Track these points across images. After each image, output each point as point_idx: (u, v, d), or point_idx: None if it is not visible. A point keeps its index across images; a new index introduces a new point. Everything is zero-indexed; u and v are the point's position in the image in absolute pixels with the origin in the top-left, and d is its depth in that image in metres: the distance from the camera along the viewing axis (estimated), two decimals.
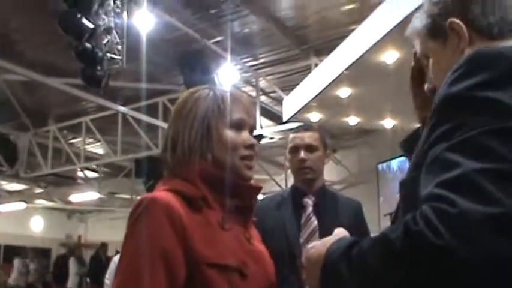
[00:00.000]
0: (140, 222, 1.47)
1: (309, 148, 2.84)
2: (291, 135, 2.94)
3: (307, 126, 3.01)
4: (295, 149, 2.87)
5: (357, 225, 2.79)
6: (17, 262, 15.68)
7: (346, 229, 2.84)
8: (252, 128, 1.75)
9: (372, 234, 1.31)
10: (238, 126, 1.69)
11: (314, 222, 2.76)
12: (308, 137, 2.87)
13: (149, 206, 1.48)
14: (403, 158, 10.10)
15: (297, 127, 3.02)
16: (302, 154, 2.82)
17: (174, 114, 1.72)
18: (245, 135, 1.70)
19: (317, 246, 1.22)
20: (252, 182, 1.73)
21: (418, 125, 1.55)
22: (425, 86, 1.47)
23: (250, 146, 1.70)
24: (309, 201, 2.83)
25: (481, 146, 1.00)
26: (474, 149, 1.00)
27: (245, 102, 1.75)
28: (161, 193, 1.54)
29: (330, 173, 11.97)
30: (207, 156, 1.63)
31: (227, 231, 1.57)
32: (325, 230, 2.71)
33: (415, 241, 0.96)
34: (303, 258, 1.26)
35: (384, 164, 11.58)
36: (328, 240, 1.19)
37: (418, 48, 1.48)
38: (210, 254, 1.48)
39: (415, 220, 0.97)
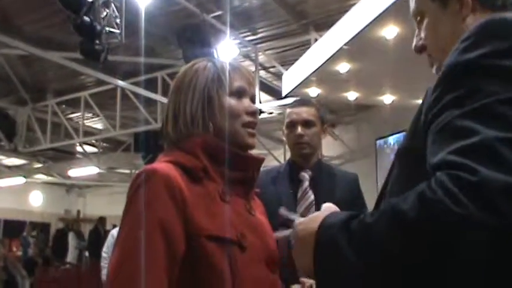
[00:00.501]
0: (139, 194, 1.47)
1: (306, 123, 2.84)
2: (288, 110, 2.93)
3: (304, 101, 3.00)
4: (292, 124, 2.86)
5: (354, 197, 2.81)
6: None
7: (343, 202, 2.84)
8: (252, 96, 1.76)
9: (370, 209, 1.28)
10: (239, 93, 1.70)
11: (311, 196, 2.77)
12: (305, 112, 2.86)
13: (148, 178, 1.48)
14: (401, 134, 10.13)
15: (293, 102, 3.01)
16: (299, 129, 2.82)
17: (174, 87, 1.73)
18: (246, 102, 1.71)
19: (305, 222, 1.19)
20: (253, 154, 1.74)
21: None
22: (413, 43, 1.44)
23: (252, 113, 1.71)
24: (306, 176, 2.83)
25: (498, 114, 0.97)
26: (491, 117, 0.97)
27: (244, 71, 1.76)
28: (161, 164, 1.55)
29: (329, 149, 12.00)
30: (209, 126, 1.64)
31: (227, 203, 1.58)
32: (321, 204, 2.72)
33: (434, 210, 0.92)
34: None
35: (382, 140, 11.58)
36: (318, 215, 1.15)
37: (413, 2, 1.44)
38: (209, 226, 1.49)
39: (431, 189, 0.94)
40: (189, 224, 1.47)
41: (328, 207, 1.21)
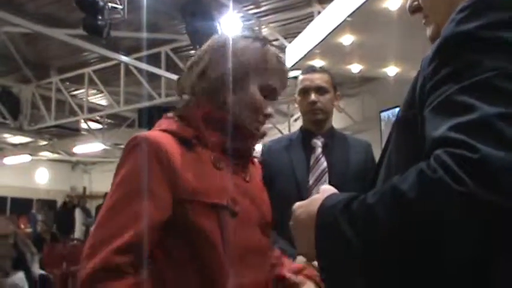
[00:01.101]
0: (129, 160, 1.53)
1: (320, 90, 2.81)
2: (301, 77, 2.89)
3: (317, 68, 2.98)
4: (305, 91, 2.84)
5: (367, 165, 2.78)
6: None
7: (357, 169, 2.82)
8: (276, 97, 1.78)
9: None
10: (268, 92, 1.71)
11: (323, 163, 2.75)
12: (318, 79, 2.83)
13: (139, 145, 1.53)
14: None
15: (306, 69, 2.99)
16: (312, 96, 2.79)
17: (221, 46, 1.71)
18: (269, 104, 1.72)
19: (304, 205, 1.18)
20: None
21: None
22: (408, 3, 1.44)
23: (267, 115, 1.73)
24: (318, 142, 2.81)
25: (498, 89, 0.95)
26: (490, 92, 0.95)
27: (285, 75, 1.78)
28: (154, 132, 1.59)
29: (333, 121, 11.95)
30: (224, 101, 1.65)
31: (221, 170, 1.61)
32: (335, 171, 2.72)
33: (434, 189, 0.91)
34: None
35: (387, 112, 11.54)
36: (317, 198, 1.14)
37: None
38: (199, 192, 1.53)
39: (431, 167, 0.93)
40: (178, 190, 1.51)
41: (328, 189, 1.19)
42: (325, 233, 1.07)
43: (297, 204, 1.21)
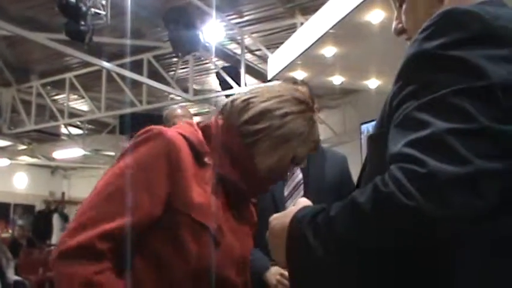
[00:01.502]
0: (139, 150, 1.49)
1: None
2: None
3: (296, 80, 2.99)
4: None
5: (343, 178, 2.81)
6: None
7: (333, 182, 2.84)
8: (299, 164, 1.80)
9: None
10: (295, 162, 1.71)
11: (299, 175, 2.77)
12: None
13: (154, 136, 1.50)
14: None
15: (285, 81, 3.00)
16: None
17: (277, 98, 1.67)
18: (289, 169, 1.74)
19: (279, 217, 1.22)
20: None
21: None
22: (393, 26, 1.45)
23: (283, 179, 1.79)
24: None
25: (450, 105, 0.99)
26: (443, 109, 0.99)
27: (316, 149, 1.79)
28: (172, 132, 1.55)
29: None
30: (255, 150, 1.63)
31: (217, 199, 1.58)
32: (310, 184, 2.74)
33: (386, 203, 0.96)
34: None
35: (368, 125, 11.58)
36: (292, 210, 1.19)
37: None
38: (194, 208, 1.49)
39: (384, 182, 0.97)
40: (176, 198, 1.48)
41: (303, 202, 1.24)
42: (294, 244, 1.12)
43: (273, 216, 1.25)
